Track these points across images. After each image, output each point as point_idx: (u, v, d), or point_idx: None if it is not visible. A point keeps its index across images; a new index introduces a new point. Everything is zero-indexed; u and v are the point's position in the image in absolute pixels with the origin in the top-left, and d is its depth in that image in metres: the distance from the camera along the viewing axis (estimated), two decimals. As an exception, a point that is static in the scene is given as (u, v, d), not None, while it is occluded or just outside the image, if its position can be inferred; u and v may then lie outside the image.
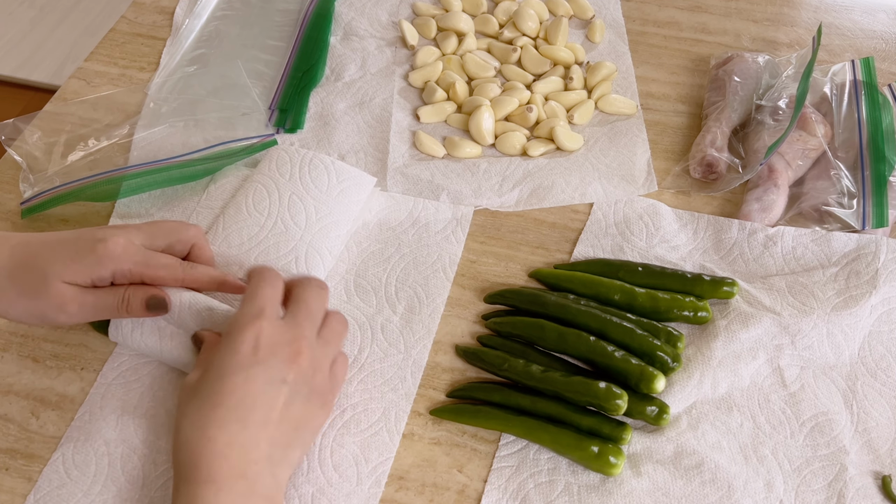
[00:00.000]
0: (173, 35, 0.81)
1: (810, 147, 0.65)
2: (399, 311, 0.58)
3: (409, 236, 0.62)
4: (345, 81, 0.75)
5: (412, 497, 0.49)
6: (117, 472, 0.50)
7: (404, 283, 0.59)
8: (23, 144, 0.68)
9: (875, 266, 0.58)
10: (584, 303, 0.56)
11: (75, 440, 0.51)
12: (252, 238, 0.58)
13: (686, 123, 0.72)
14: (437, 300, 0.59)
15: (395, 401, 0.53)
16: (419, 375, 0.54)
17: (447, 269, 0.60)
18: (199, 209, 0.63)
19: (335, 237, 0.59)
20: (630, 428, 0.50)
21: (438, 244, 0.62)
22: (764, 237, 0.61)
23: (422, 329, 0.57)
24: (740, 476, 0.50)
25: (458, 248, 0.62)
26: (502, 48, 0.77)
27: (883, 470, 0.50)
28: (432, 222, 0.63)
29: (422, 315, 0.58)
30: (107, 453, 0.51)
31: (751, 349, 0.55)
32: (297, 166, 0.61)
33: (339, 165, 0.62)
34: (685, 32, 0.81)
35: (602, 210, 0.64)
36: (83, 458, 0.51)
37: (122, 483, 0.49)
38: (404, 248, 0.62)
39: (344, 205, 0.60)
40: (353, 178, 0.62)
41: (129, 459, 0.50)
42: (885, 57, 0.78)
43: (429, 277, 0.60)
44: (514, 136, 0.69)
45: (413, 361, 0.55)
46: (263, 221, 0.59)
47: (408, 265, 0.61)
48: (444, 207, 0.64)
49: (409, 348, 0.56)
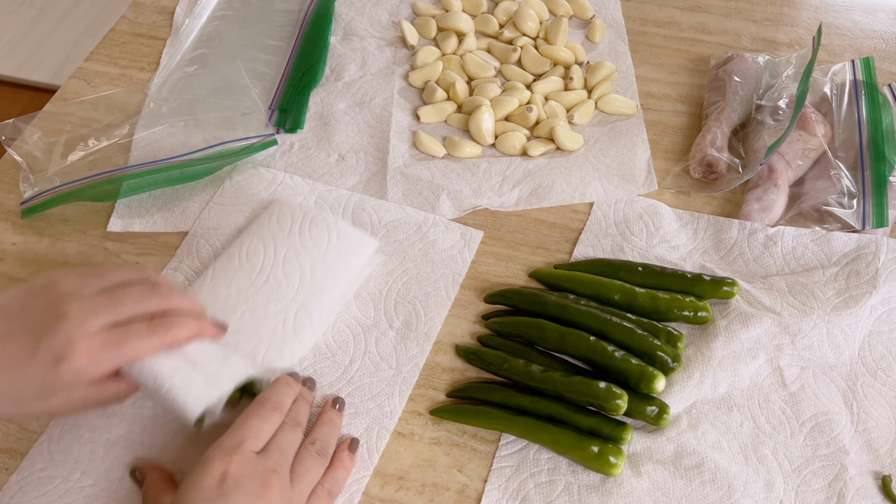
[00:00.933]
0: (173, 35, 0.81)
1: (810, 147, 0.65)
2: (396, 325, 0.57)
3: (416, 251, 0.61)
4: (345, 81, 0.75)
5: (412, 497, 0.49)
6: (98, 461, 0.50)
7: (404, 298, 0.58)
8: (23, 144, 0.68)
9: (875, 266, 0.58)
10: (584, 303, 0.56)
11: (62, 424, 0.52)
12: (241, 292, 0.56)
13: (686, 123, 0.72)
14: (436, 319, 0.57)
15: (379, 418, 0.52)
16: (407, 394, 0.54)
17: (449, 289, 0.59)
18: (213, 205, 0.63)
19: (328, 300, 0.56)
20: (630, 428, 0.50)
21: (444, 262, 0.61)
22: (764, 237, 0.61)
23: (416, 347, 0.56)
24: (740, 476, 0.50)
25: (463, 269, 0.60)
26: (502, 48, 0.77)
27: (883, 470, 0.50)
28: (440, 240, 0.62)
29: (418, 332, 0.57)
30: (90, 440, 0.51)
31: (751, 349, 0.55)
32: (297, 222, 0.59)
33: (341, 226, 0.59)
34: (685, 32, 0.81)
35: (602, 210, 0.64)
36: (68, 443, 0.51)
37: (101, 472, 0.50)
38: (409, 262, 0.61)
39: (341, 267, 0.58)
40: (354, 241, 0.59)
41: (112, 449, 0.50)
42: (885, 57, 0.78)
43: (430, 295, 0.59)
44: (514, 136, 0.68)
45: (403, 379, 0.54)
46: (255, 276, 0.57)
47: (410, 280, 0.59)
48: (454, 227, 0.63)
49: (401, 365, 0.55)
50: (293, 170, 0.67)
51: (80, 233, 0.63)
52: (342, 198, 0.65)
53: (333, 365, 0.55)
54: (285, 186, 0.65)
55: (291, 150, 0.69)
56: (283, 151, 0.69)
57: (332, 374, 0.54)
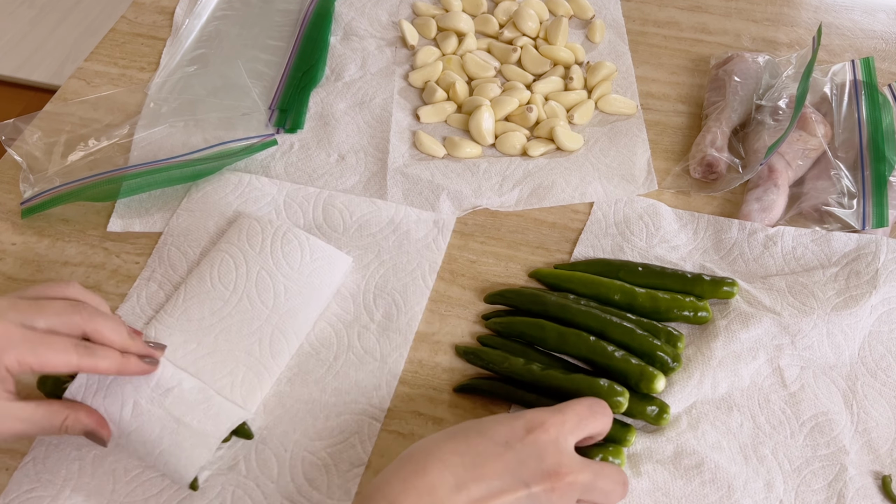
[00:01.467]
0: (173, 35, 0.81)
1: (810, 147, 0.65)
2: (377, 318, 0.57)
3: (390, 243, 0.61)
4: (345, 81, 0.75)
5: (412, 497, 0.49)
6: (87, 477, 0.49)
7: (383, 290, 0.58)
8: (23, 144, 0.68)
9: (875, 266, 0.58)
10: (584, 303, 0.56)
11: (47, 443, 0.51)
12: (214, 313, 0.55)
13: (686, 123, 0.72)
14: (416, 308, 0.57)
15: (368, 410, 0.52)
16: (394, 384, 0.54)
17: (426, 277, 0.59)
18: (181, 211, 0.63)
19: (303, 319, 0.55)
20: (634, 430, 0.50)
21: (419, 251, 0.61)
22: (764, 237, 0.61)
23: (399, 337, 0.56)
24: (740, 476, 0.50)
25: (439, 256, 0.61)
26: (502, 48, 0.77)
27: (883, 470, 0.50)
28: (413, 229, 0.62)
29: (399, 323, 0.57)
30: (78, 458, 0.50)
31: (751, 349, 0.55)
32: (269, 239, 0.58)
33: (313, 242, 0.58)
34: (685, 32, 0.81)
35: (602, 210, 0.64)
36: (54, 462, 0.50)
37: (92, 487, 0.49)
38: (384, 254, 0.60)
39: (315, 286, 0.56)
40: (328, 257, 0.58)
41: (100, 464, 0.50)
42: (885, 57, 0.78)
43: (408, 285, 0.59)
44: (514, 136, 0.69)
45: (388, 370, 0.54)
46: (228, 296, 0.56)
47: (387, 272, 0.59)
48: (425, 215, 0.63)
49: (385, 356, 0.55)
50: (293, 170, 0.67)
51: (80, 233, 0.63)
52: (311, 195, 0.64)
53: (318, 362, 0.55)
54: (253, 188, 0.64)
55: (291, 150, 0.69)
56: (283, 151, 0.69)
57: (318, 370, 0.54)
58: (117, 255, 0.62)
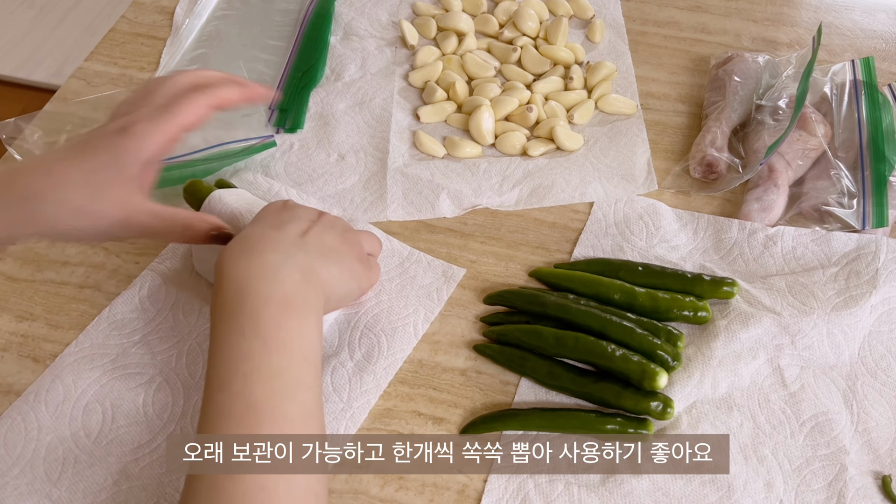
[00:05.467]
0: (173, 35, 0.81)
1: (810, 147, 0.65)
2: (356, 357, 0.54)
3: (393, 285, 0.59)
4: (345, 81, 0.75)
5: (412, 497, 0.49)
6: (39, 461, 0.50)
7: (371, 330, 0.55)
8: (23, 144, 0.68)
9: (875, 266, 0.58)
10: (584, 302, 0.56)
11: (13, 418, 0.51)
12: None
13: (686, 123, 0.72)
14: (398, 355, 0.55)
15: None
16: (353, 430, 0.51)
17: (418, 326, 0.56)
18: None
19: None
20: (652, 424, 0.51)
21: (419, 299, 0.58)
22: (764, 237, 0.61)
23: (371, 381, 0.53)
24: (740, 476, 0.50)
25: (437, 307, 0.58)
26: (502, 48, 0.77)
27: (883, 470, 0.50)
28: (420, 275, 0.59)
29: (376, 367, 0.54)
30: (36, 438, 0.50)
31: (751, 349, 0.55)
32: None
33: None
34: (685, 32, 0.81)
35: (602, 210, 0.64)
36: (14, 437, 0.50)
37: (39, 472, 0.49)
38: (383, 294, 0.58)
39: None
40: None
41: (54, 450, 0.50)
42: (885, 57, 0.78)
43: (397, 330, 0.56)
44: (514, 136, 0.69)
45: (351, 415, 0.52)
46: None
47: (380, 312, 0.56)
48: (436, 263, 0.60)
49: (352, 400, 0.52)
50: (293, 169, 0.67)
51: (80, 233, 0.63)
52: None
53: None
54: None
55: (291, 150, 0.69)
56: (283, 151, 0.69)
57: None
58: (117, 255, 0.62)
